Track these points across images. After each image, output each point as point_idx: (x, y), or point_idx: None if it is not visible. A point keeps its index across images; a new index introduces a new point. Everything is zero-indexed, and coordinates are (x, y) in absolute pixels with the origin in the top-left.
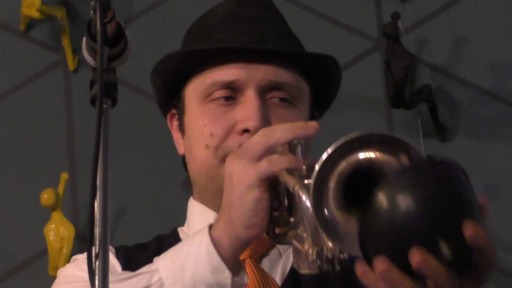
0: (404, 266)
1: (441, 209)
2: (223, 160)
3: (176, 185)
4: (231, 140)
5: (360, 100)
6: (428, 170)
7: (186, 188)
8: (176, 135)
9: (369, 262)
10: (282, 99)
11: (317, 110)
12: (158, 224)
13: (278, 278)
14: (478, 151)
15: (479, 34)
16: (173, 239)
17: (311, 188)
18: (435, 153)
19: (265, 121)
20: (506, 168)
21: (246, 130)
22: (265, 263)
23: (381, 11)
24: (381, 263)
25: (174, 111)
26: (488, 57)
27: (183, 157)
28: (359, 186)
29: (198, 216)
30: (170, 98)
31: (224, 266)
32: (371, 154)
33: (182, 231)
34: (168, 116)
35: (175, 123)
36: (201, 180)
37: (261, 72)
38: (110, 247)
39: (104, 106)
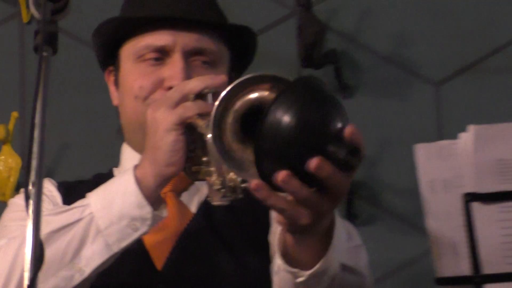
0: (299, 176)
1: (318, 119)
2: None
3: (113, 129)
4: (158, 94)
5: (275, 60)
6: (299, 88)
7: (119, 135)
8: (112, 88)
9: (265, 180)
10: (204, 62)
11: (235, 71)
12: (97, 160)
13: (193, 208)
14: (375, 108)
15: (382, 5)
16: (109, 178)
17: (211, 123)
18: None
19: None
20: (399, 124)
21: (171, 87)
22: (184, 196)
23: None
24: (282, 173)
25: (111, 68)
26: (388, 26)
27: (118, 107)
28: (255, 121)
29: (128, 158)
30: (108, 56)
31: (145, 202)
32: (262, 93)
33: (116, 171)
34: (106, 72)
35: (112, 78)
36: (130, 128)
37: (187, 39)
38: (53, 181)
39: (45, 53)
